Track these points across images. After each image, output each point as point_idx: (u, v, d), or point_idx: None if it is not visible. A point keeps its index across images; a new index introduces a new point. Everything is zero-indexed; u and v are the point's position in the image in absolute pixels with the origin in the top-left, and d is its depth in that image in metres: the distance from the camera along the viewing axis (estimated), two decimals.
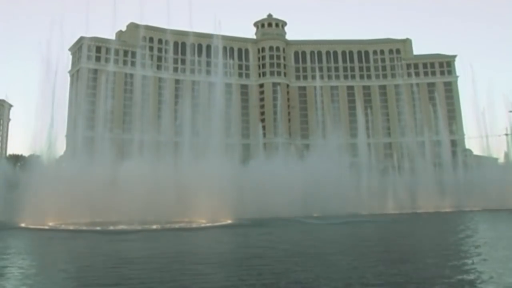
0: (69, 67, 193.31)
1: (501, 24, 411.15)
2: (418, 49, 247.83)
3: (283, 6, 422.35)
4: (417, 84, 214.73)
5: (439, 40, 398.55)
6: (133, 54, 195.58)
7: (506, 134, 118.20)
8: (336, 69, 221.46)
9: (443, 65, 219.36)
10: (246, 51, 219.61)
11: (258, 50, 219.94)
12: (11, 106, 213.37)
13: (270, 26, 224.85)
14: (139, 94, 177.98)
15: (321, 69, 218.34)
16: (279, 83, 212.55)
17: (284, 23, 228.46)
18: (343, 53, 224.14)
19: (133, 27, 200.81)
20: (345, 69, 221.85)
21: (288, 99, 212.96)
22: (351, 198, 79.49)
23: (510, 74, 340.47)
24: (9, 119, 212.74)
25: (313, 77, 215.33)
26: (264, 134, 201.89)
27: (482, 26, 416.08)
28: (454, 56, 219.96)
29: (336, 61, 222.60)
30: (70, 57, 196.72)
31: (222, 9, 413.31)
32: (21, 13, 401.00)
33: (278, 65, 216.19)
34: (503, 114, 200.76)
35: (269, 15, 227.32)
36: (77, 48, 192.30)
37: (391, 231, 49.09)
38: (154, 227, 48.61)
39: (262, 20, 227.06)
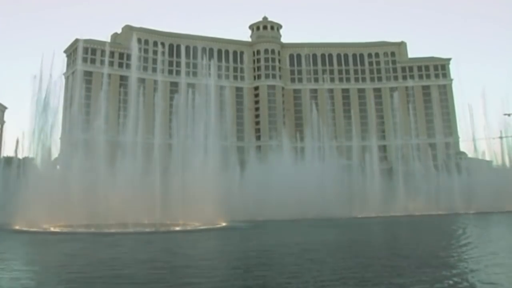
0: (64, 70, 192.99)
1: (496, 27, 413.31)
2: (413, 52, 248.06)
3: (278, 9, 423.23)
4: (412, 87, 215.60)
5: (434, 43, 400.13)
6: (128, 57, 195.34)
7: (501, 137, 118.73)
8: (331, 72, 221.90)
9: (438, 68, 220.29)
10: (241, 53, 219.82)
11: (253, 52, 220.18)
12: (5, 108, 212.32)
13: (266, 28, 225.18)
14: (134, 96, 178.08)
15: (316, 72, 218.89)
16: (274, 86, 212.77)
17: (279, 26, 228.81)
18: (338, 56, 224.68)
19: (128, 29, 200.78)
20: (340, 72, 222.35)
21: (283, 102, 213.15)
22: (347, 201, 79.91)
23: (504, 77, 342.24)
24: (3, 121, 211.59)
25: (308, 80, 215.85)
26: (259, 137, 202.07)
27: (477, 29, 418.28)
28: (449, 59, 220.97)
29: (331, 64, 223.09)
30: (65, 59, 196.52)
31: (217, 11, 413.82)
32: (15, 15, 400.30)
33: (273, 67, 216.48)
34: (498, 116, 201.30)
35: (265, 18, 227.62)
36: (72, 50, 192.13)
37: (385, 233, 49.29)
38: (148, 230, 48.60)
39: (258, 22, 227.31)
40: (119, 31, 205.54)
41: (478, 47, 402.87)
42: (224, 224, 54.17)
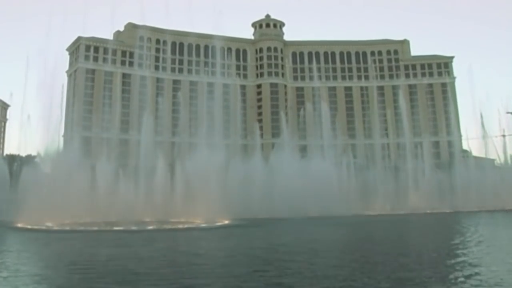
0: (67, 67, 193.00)
1: (499, 25, 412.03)
2: (416, 50, 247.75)
3: (281, 7, 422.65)
4: (415, 85, 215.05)
5: (436, 41, 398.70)
6: (131, 55, 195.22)
7: (504, 135, 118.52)
8: (334, 69, 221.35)
9: (441, 66, 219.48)
10: (244, 51, 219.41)
11: (256, 50, 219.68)
12: (8, 106, 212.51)
13: (268, 26, 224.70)
14: (136, 94, 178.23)
15: (319, 69, 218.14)
16: (276, 84, 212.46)
17: (282, 24, 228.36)
18: (341, 53, 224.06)
19: (130, 27, 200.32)
20: (342, 70, 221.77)
21: (286, 100, 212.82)
22: (348, 199, 79.84)
23: (507, 75, 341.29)
24: (6, 119, 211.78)
25: (311, 78, 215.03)
26: (262, 135, 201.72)
27: (480, 27, 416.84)
28: (452, 57, 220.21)
29: (334, 61, 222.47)
30: (68, 57, 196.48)
31: (220, 9, 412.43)
32: (18, 13, 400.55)
33: (276, 65, 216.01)
34: (502, 115, 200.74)
35: (267, 16, 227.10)
36: (75, 48, 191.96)
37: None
38: (150, 227, 48.53)
39: (260, 20, 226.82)
40: (121, 28, 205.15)
41: (481, 45, 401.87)
42: (226, 222, 54.03)
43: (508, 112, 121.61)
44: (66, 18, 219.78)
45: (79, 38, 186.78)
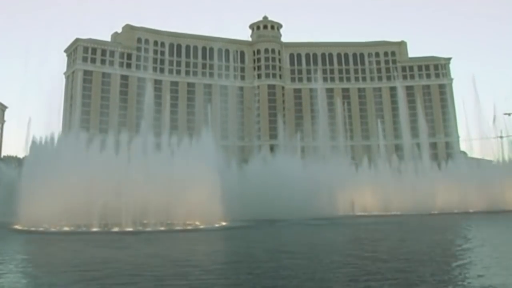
0: (65, 69, 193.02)
1: (497, 27, 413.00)
2: (414, 52, 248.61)
3: (278, 8, 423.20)
4: (412, 87, 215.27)
5: (434, 43, 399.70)
6: (129, 56, 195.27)
7: (501, 137, 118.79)
8: (332, 71, 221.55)
9: (438, 67, 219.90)
10: (242, 53, 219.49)
11: (254, 52, 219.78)
12: (6, 107, 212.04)
13: (266, 28, 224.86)
14: (134, 96, 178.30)
15: (316, 71, 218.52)
16: (274, 85, 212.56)
17: (279, 25, 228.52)
18: (339, 55, 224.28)
19: (128, 29, 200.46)
20: (340, 71, 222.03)
21: (283, 101, 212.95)
22: (348, 200, 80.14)
23: (505, 76, 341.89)
24: (3, 121, 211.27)
25: (309, 79, 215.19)
26: (259, 136, 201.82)
27: (478, 29, 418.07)
28: (449, 59, 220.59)
29: (331, 63, 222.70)
30: (66, 58, 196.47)
31: (217, 11, 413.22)
32: (16, 14, 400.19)
33: (274, 67, 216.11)
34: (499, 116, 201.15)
35: (265, 17, 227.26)
36: (73, 49, 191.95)
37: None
38: (148, 229, 48.60)
39: (258, 22, 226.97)
40: (119, 30, 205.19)
41: (479, 46, 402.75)
42: (224, 223, 54.05)
43: (505, 113, 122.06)
44: (64, 20, 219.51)
45: (77, 40, 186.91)
